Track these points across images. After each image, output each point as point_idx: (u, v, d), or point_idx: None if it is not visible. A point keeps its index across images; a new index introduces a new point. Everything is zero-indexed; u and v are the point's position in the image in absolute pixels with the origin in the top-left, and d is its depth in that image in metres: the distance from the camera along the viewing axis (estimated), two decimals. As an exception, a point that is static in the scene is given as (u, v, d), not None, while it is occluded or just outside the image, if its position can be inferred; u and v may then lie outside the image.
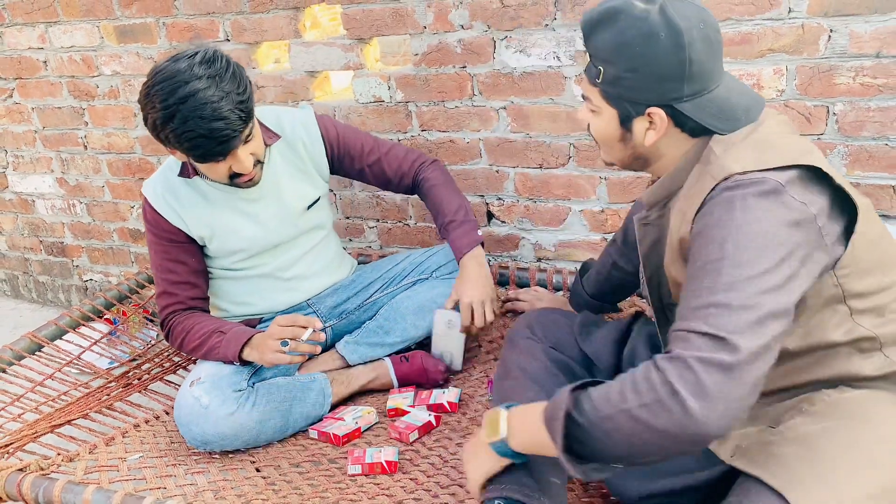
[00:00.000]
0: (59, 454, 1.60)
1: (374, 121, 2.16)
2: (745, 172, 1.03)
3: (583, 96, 1.20)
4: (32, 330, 1.94)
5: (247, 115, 1.52)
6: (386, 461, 1.49)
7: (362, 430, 1.69)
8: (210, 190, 1.72)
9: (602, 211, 2.00)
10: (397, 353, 1.87)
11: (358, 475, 1.51)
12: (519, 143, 2.02)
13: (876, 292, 1.10)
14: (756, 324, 0.93)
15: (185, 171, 1.71)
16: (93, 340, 2.04)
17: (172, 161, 1.74)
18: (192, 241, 1.74)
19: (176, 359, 2.07)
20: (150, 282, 2.21)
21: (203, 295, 1.79)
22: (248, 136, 1.55)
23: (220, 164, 1.57)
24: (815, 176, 1.05)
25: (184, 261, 1.74)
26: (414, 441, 1.62)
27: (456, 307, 1.75)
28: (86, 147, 2.71)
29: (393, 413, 1.73)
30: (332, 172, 1.88)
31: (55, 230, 2.98)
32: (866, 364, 1.10)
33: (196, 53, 1.50)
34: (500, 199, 2.12)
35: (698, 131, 1.12)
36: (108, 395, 1.89)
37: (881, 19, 1.56)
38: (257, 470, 1.60)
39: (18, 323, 3.00)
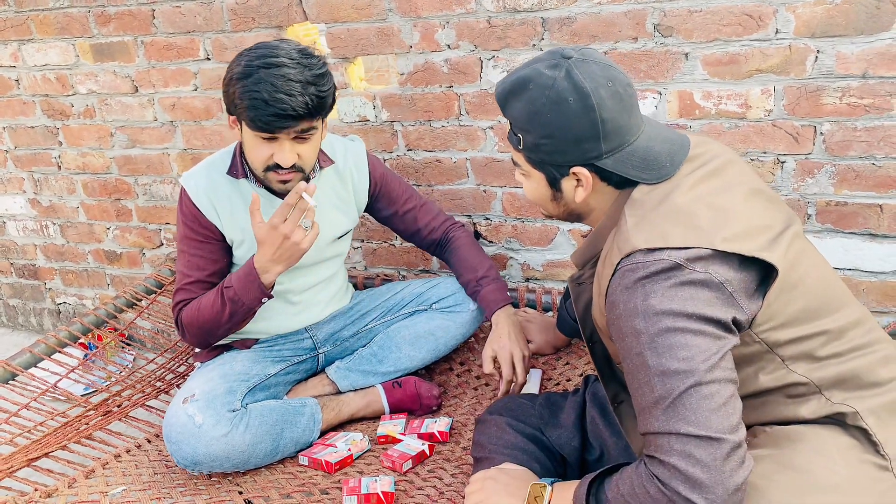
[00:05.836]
0: (36, 489, 1.53)
1: (359, 140, 2.13)
2: (648, 250, 1.04)
3: (513, 161, 1.23)
4: (6, 357, 1.87)
5: (314, 108, 1.49)
6: (383, 492, 1.45)
7: (354, 457, 1.65)
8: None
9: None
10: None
11: (352, 506, 1.47)
12: (506, 162, 2.01)
13: (804, 339, 1.08)
14: (721, 406, 0.97)
15: (234, 170, 1.66)
16: (70, 368, 1.97)
17: (219, 158, 1.69)
18: (225, 240, 1.69)
19: (158, 383, 2.01)
20: (129, 305, 2.15)
21: None
22: (307, 130, 1.52)
23: (263, 145, 1.52)
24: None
25: (214, 259, 1.69)
26: (408, 471, 1.58)
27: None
28: (59, 167, 2.64)
29: (384, 440, 1.69)
30: (364, 209, 1.87)
31: (27, 252, 2.90)
32: (803, 408, 1.09)
33: (303, 48, 1.53)
34: (487, 218, 2.10)
35: (624, 183, 1.15)
36: (86, 424, 1.82)
37: (867, 40, 1.58)
38: (247, 502, 1.54)
39: (-12, 348, 2.91)
